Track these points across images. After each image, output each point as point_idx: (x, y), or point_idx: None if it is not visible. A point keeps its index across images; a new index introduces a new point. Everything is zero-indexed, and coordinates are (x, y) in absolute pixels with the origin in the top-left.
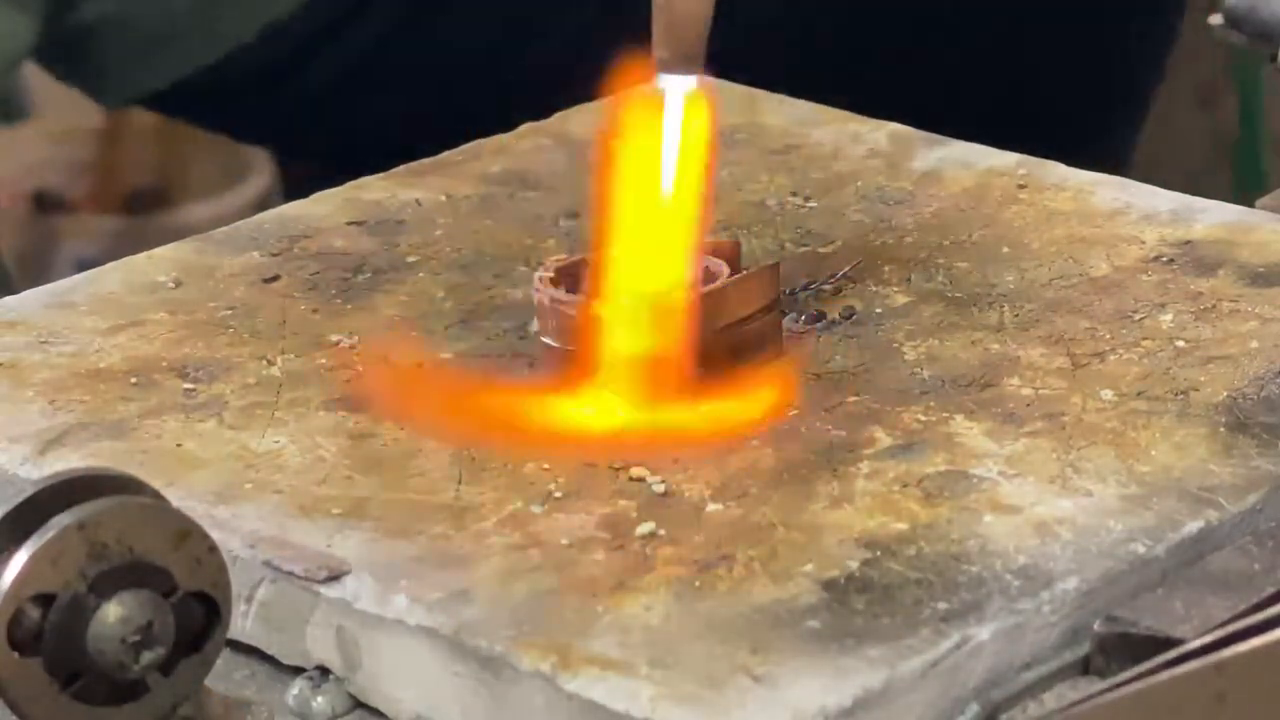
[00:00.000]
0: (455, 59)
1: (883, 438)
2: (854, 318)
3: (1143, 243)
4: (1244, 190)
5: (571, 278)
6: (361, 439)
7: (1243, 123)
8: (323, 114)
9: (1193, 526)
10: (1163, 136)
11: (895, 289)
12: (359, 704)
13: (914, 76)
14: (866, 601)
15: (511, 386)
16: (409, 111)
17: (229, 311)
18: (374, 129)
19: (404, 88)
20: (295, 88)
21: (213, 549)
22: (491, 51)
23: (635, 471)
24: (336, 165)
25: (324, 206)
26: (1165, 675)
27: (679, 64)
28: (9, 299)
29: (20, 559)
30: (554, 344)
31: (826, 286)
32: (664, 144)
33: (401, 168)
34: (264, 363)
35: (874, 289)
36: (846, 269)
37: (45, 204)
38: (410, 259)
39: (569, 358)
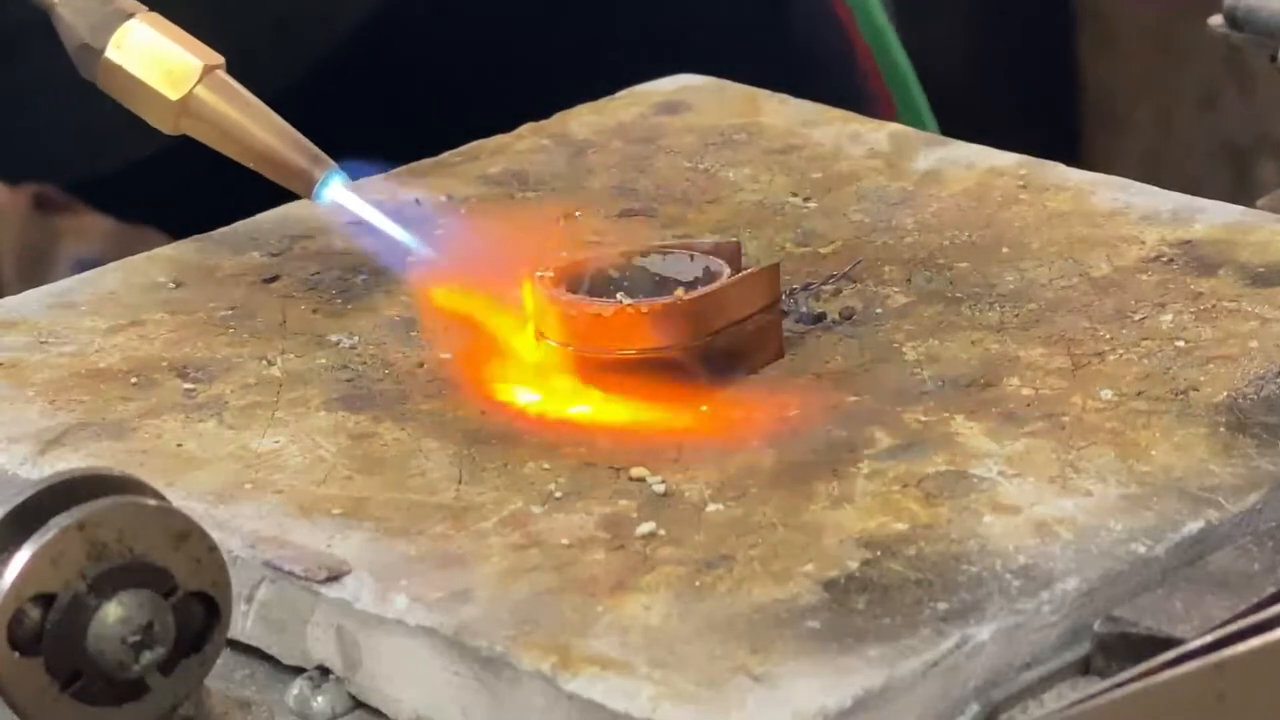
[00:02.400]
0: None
1: (883, 438)
2: (854, 318)
3: (1143, 243)
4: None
5: (572, 278)
6: (361, 439)
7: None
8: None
9: (1193, 526)
10: (1163, 137)
11: (895, 289)
12: (359, 704)
13: None
14: (866, 601)
15: (512, 386)
16: (408, 112)
17: (229, 311)
18: (376, 129)
19: (402, 88)
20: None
21: (213, 549)
22: (492, 51)
23: (635, 471)
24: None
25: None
26: (1165, 675)
27: (310, 177)
28: (9, 299)
29: (20, 559)
30: (554, 344)
31: (826, 286)
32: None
33: (402, 168)
34: (264, 363)
35: (874, 289)
36: (846, 269)
37: (45, 204)
38: (410, 259)
39: (569, 357)
